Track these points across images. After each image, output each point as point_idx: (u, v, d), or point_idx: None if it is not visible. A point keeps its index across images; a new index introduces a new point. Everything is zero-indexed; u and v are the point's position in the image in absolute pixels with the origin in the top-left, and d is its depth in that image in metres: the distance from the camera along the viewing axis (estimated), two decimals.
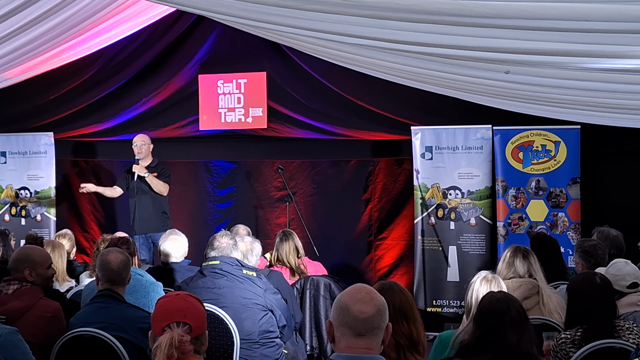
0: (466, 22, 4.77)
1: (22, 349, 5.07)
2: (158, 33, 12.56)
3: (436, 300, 11.21)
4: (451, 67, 7.04)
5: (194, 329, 3.98)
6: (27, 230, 11.95)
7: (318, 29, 6.20)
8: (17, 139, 12.67)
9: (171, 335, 3.89)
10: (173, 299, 4.15)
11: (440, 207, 11.23)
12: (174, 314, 4.01)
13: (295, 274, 8.63)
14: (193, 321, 3.99)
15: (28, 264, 6.16)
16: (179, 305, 4.06)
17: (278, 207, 12.43)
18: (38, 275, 6.16)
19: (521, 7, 4.32)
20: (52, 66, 11.66)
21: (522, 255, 6.80)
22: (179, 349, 3.88)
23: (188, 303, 4.09)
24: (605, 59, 5.44)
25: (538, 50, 5.31)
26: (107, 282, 6.04)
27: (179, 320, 3.97)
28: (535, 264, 6.77)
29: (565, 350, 5.48)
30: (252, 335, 6.74)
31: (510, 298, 4.95)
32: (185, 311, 4.02)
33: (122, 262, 6.06)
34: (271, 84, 12.39)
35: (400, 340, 4.66)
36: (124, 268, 6.07)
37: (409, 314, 4.82)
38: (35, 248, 6.54)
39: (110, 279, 6.04)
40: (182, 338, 3.90)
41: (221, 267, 6.85)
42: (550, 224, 10.77)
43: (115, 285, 6.04)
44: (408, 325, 4.77)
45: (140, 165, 11.10)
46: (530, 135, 10.86)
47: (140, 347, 5.77)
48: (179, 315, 3.99)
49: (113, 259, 6.05)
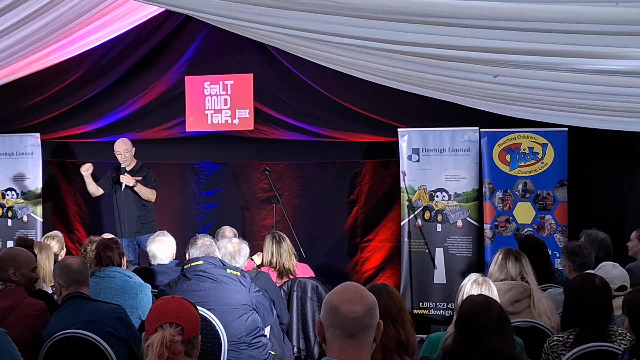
0: (457, 23, 4.78)
1: (10, 350, 5.04)
2: (145, 34, 12.54)
3: (423, 303, 11.20)
4: (439, 70, 7.04)
5: (187, 331, 4.01)
6: (13, 231, 11.96)
7: (307, 29, 6.19)
8: (3, 140, 12.65)
9: (163, 335, 3.93)
10: (168, 301, 4.21)
11: (427, 209, 11.23)
12: (167, 315, 4.06)
13: (282, 276, 8.62)
14: (186, 323, 4.02)
15: (13, 263, 6.21)
16: (173, 307, 4.11)
17: (264, 209, 12.42)
18: (22, 276, 6.20)
19: (512, 9, 4.32)
20: (39, 67, 11.66)
21: (514, 257, 6.80)
22: (170, 349, 3.91)
23: (182, 306, 4.13)
24: (594, 60, 5.44)
25: (528, 50, 5.31)
26: (73, 285, 6.07)
27: (172, 321, 4.01)
28: (527, 266, 6.77)
29: (557, 353, 5.49)
30: (239, 336, 6.76)
31: (490, 302, 4.95)
32: (179, 313, 4.06)
33: (82, 263, 6.16)
34: (258, 86, 12.37)
35: (386, 343, 4.64)
36: (85, 268, 6.15)
37: (397, 316, 4.81)
38: (21, 249, 6.58)
39: (75, 280, 6.07)
40: (174, 338, 3.92)
41: (204, 268, 6.87)
42: (537, 226, 10.78)
43: (80, 286, 6.08)
44: (395, 328, 4.76)
45: (127, 176, 11.05)
46: (517, 138, 10.87)
47: (122, 337, 5.82)
48: (172, 317, 4.03)
49: (72, 262, 6.14)
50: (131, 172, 11.14)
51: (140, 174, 11.17)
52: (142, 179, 11.12)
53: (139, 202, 11.12)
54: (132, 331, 6.06)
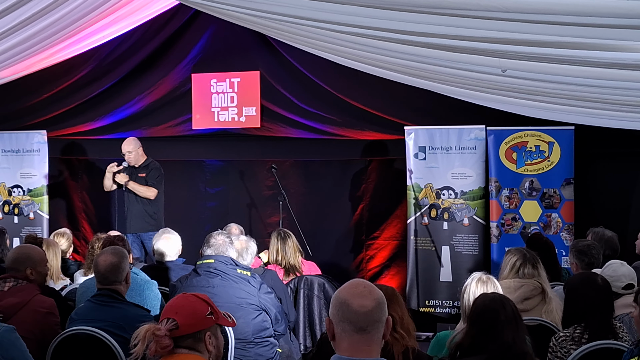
0: (467, 14, 4.78)
1: (19, 347, 5.06)
2: (151, 32, 12.55)
3: (429, 301, 11.20)
4: (448, 62, 7.02)
5: (182, 326, 4.00)
6: (20, 229, 11.98)
7: (316, 18, 6.18)
8: (10, 137, 12.67)
9: (147, 329, 3.96)
10: (176, 297, 4.21)
11: (433, 207, 11.23)
12: (168, 311, 4.09)
13: (289, 274, 8.62)
14: (181, 318, 4.02)
15: (29, 263, 6.28)
16: (175, 303, 4.14)
17: (270, 206, 12.41)
18: (38, 273, 6.25)
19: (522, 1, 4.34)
20: (46, 65, 11.65)
21: (532, 265, 6.73)
22: (158, 343, 3.93)
23: (186, 301, 4.14)
24: (604, 52, 5.43)
25: (538, 42, 5.30)
26: (99, 283, 6.08)
27: (170, 316, 4.03)
28: (543, 272, 6.72)
29: (566, 348, 5.49)
30: (246, 335, 6.75)
31: (504, 298, 4.95)
32: (179, 309, 4.08)
33: (110, 265, 6.05)
34: (264, 83, 12.38)
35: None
36: (112, 270, 6.05)
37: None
38: (33, 247, 6.63)
39: (100, 280, 6.07)
40: (158, 332, 3.95)
41: (215, 266, 6.85)
42: (544, 224, 10.77)
43: (108, 284, 6.04)
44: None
45: (121, 175, 11.16)
46: (524, 136, 10.87)
47: None
48: (171, 312, 4.06)
49: (101, 261, 6.07)
50: (138, 169, 11.18)
51: (143, 171, 11.21)
52: (144, 175, 11.15)
53: (143, 200, 11.15)
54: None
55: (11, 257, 6.39)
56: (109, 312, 5.92)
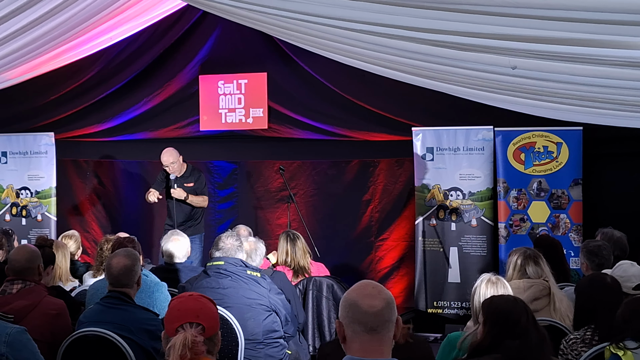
0: (477, 10, 4.77)
1: (30, 348, 5.07)
2: (159, 34, 12.56)
3: (437, 302, 11.19)
4: (457, 62, 7.00)
5: (207, 330, 3.99)
6: (27, 230, 12.00)
7: (326, 15, 6.18)
8: (17, 139, 12.70)
9: (184, 336, 3.92)
10: (186, 299, 4.16)
11: (441, 208, 11.23)
12: (187, 314, 4.03)
13: (298, 275, 8.62)
14: (206, 322, 4.00)
15: (40, 262, 6.27)
16: (192, 306, 4.08)
17: (279, 208, 12.43)
18: (47, 274, 6.25)
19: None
20: (53, 66, 11.66)
21: (534, 261, 6.76)
22: (192, 350, 3.91)
23: (201, 304, 4.10)
24: (615, 50, 5.40)
25: (548, 38, 5.28)
26: (111, 285, 6.06)
27: (192, 320, 3.98)
28: (546, 268, 6.74)
29: (577, 350, 5.47)
30: (256, 336, 6.74)
31: (518, 299, 4.94)
32: (199, 312, 4.04)
33: (124, 267, 6.02)
34: (272, 85, 12.39)
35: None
36: (125, 273, 6.02)
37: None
38: (29, 246, 6.61)
39: (111, 282, 6.05)
40: (195, 339, 3.91)
41: (225, 267, 6.85)
42: (552, 225, 10.76)
43: (119, 287, 6.03)
44: None
45: (178, 190, 10.97)
46: (532, 137, 10.86)
47: (146, 349, 5.78)
48: (192, 316, 4.01)
49: (114, 264, 6.03)
50: (182, 178, 11.13)
51: (190, 180, 11.16)
52: (193, 185, 11.12)
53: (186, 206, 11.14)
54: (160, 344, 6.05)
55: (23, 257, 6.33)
56: (117, 314, 5.90)
